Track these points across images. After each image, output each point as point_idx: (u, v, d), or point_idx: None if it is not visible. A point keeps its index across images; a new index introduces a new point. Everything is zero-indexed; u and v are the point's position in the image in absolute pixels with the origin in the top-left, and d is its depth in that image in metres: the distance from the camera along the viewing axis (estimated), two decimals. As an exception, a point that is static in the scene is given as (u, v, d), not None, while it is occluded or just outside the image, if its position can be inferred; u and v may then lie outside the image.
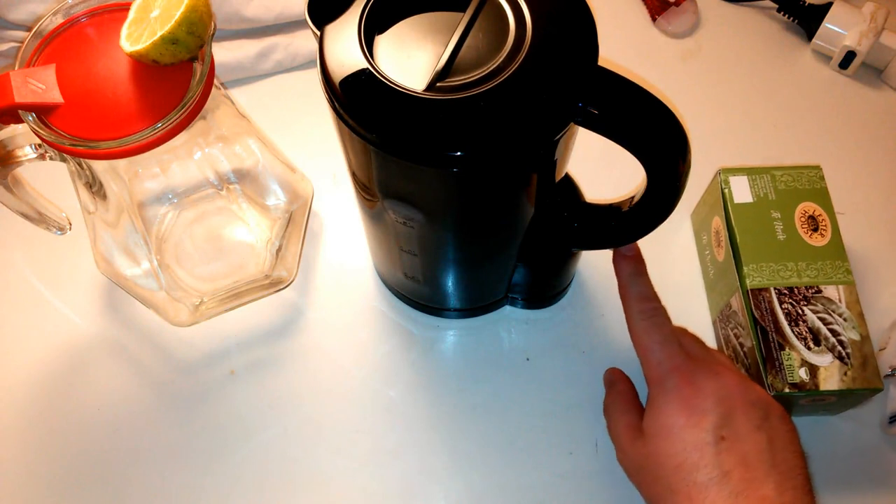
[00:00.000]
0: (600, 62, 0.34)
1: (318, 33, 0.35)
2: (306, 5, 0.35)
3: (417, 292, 0.51)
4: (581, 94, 0.33)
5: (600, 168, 0.52)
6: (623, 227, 0.42)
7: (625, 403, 0.45)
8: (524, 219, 0.41)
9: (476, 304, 0.52)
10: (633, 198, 0.40)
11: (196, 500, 0.47)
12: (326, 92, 0.35)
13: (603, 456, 0.48)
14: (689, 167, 0.36)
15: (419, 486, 0.47)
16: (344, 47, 0.34)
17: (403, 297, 0.52)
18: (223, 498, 0.47)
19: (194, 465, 0.48)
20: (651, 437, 0.40)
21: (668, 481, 0.38)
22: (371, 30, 0.35)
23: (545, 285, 0.51)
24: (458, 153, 0.32)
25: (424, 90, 0.33)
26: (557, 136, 0.34)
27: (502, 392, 0.50)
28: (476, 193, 0.37)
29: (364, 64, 0.33)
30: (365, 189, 0.40)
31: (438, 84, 0.33)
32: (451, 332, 0.52)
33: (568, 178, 0.46)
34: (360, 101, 0.33)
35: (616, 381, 0.47)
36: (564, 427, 0.49)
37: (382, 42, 0.35)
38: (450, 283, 0.48)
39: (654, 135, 0.34)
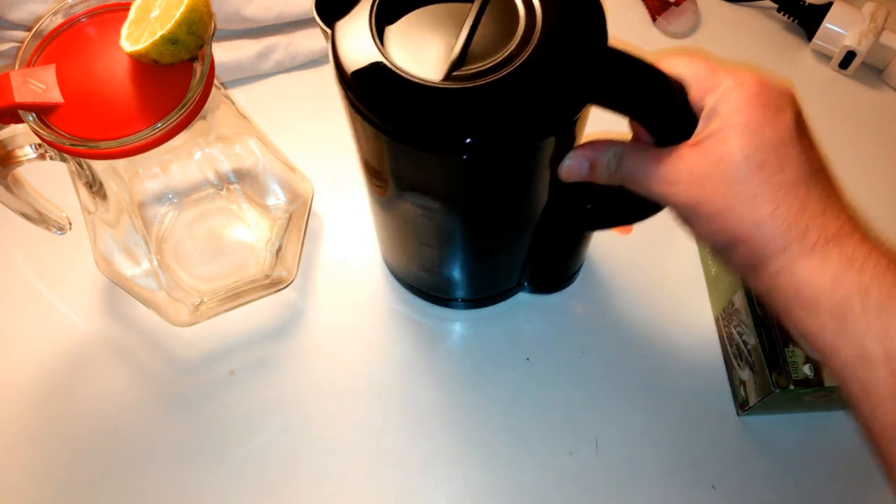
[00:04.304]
0: None
1: (329, 31, 0.35)
2: (314, 3, 0.35)
3: (433, 284, 0.51)
4: (595, 74, 0.33)
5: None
6: (636, 204, 0.42)
7: (629, 141, 0.38)
8: (543, 200, 0.41)
9: (491, 293, 0.52)
10: None
11: (196, 499, 0.47)
12: (344, 90, 0.34)
13: (603, 456, 0.48)
14: None
15: (419, 486, 0.47)
16: (358, 43, 0.34)
17: (414, 288, 0.53)
18: (223, 497, 0.47)
19: (194, 465, 0.48)
20: (720, 140, 0.33)
21: (748, 184, 0.32)
22: (381, 24, 0.35)
23: (558, 268, 0.51)
24: (488, 140, 0.33)
25: (442, 80, 0.33)
26: (576, 116, 0.34)
27: (502, 392, 0.50)
28: (504, 178, 0.37)
29: (382, 59, 0.33)
30: (385, 186, 0.40)
31: (455, 73, 0.33)
32: (452, 332, 0.52)
33: None
34: (381, 98, 0.33)
35: (594, 141, 0.38)
36: (564, 427, 0.49)
37: (393, 35, 0.35)
38: (468, 272, 0.48)
39: (666, 109, 0.35)
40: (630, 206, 0.42)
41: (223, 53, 0.61)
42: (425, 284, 0.52)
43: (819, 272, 0.31)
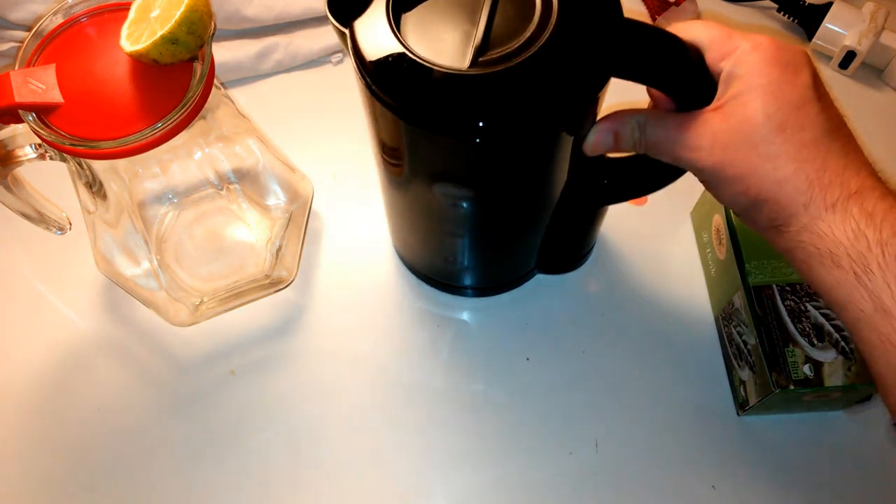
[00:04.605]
0: None
1: (345, 30, 0.35)
2: (326, 3, 0.36)
3: (450, 272, 0.51)
4: (617, 46, 0.34)
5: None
6: (652, 174, 0.42)
7: (650, 109, 0.39)
8: (565, 177, 0.42)
9: (507, 279, 0.52)
10: None
11: (196, 499, 0.47)
12: (372, 90, 0.34)
13: (603, 456, 0.48)
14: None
15: (418, 486, 0.47)
16: (380, 41, 0.34)
17: (427, 278, 0.53)
18: (223, 497, 0.47)
19: (194, 465, 0.48)
20: (742, 103, 0.34)
21: (770, 145, 0.33)
22: (398, 19, 0.35)
23: (573, 247, 0.52)
24: (526, 121, 0.33)
25: (470, 67, 0.33)
26: (602, 88, 0.35)
27: (502, 392, 0.50)
28: (536, 158, 0.38)
29: (410, 55, 0.34)
30: (416, 181, 0.40)
31: (480, 59, 0.33)
32: (453, 330, 0.52)
33: None
34: (413, 93, 0.34)
35: (616, 113, 0.39)
36: (564, 427, 0.49)
37: (411, 29, 0.35)
38: (490, 257, 0.49)
39: (686, 75, 0.35)
40: (646, 177, 0.42)
41: (223, 53, 0.61)
42: (442, 274, 0.52)
43: (840, 228, 0.32)
